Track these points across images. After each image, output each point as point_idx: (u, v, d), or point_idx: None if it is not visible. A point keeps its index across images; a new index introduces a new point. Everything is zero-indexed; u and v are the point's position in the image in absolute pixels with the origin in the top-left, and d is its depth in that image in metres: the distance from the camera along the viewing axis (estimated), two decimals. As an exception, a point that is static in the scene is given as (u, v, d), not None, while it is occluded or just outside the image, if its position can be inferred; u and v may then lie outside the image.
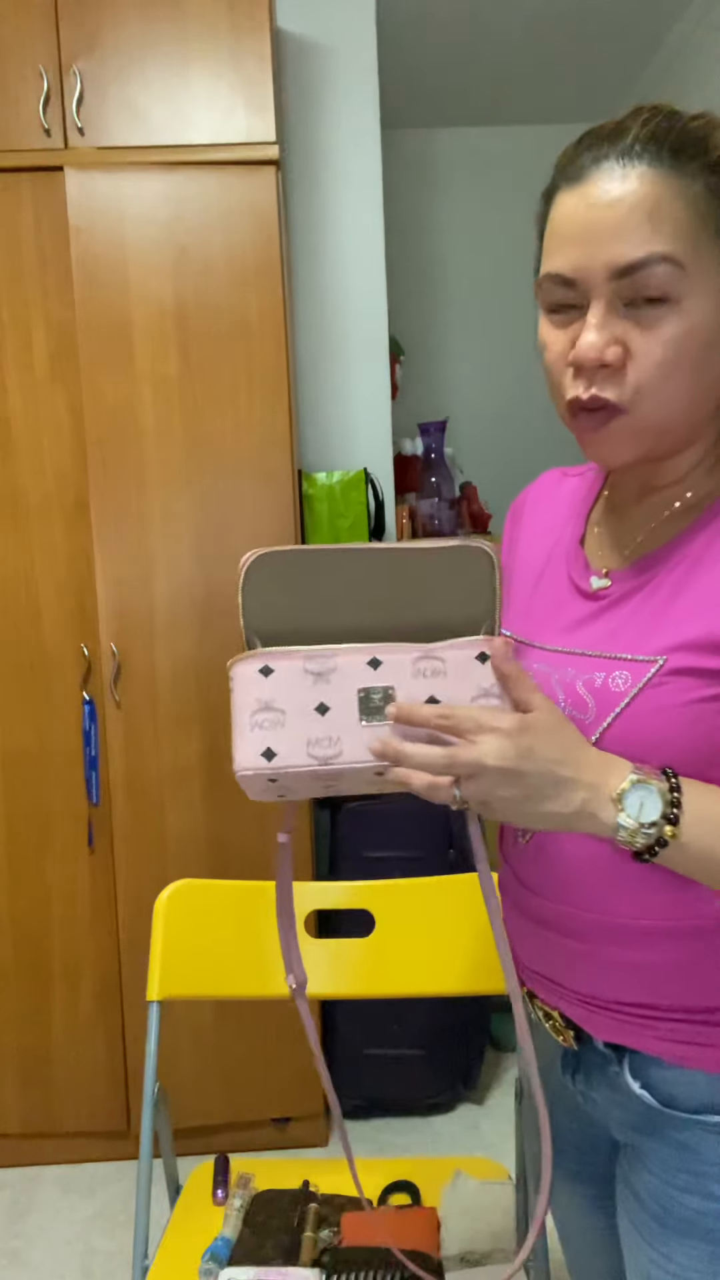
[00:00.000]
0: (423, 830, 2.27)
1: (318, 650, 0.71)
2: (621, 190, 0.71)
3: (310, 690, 0.70)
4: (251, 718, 0.70)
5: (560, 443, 3.55)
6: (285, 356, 2.06)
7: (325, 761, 0.70)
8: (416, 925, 1.39)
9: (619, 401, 0.73)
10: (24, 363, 2.06)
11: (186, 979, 1.38)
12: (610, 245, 0.71)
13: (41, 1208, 2.11)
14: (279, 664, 0.71)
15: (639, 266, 0.70)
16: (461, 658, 0.71)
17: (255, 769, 0.70)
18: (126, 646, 2.09)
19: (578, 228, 0.72)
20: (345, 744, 0.70)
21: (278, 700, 0.70)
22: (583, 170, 0.73)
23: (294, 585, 0.72)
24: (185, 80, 2.01)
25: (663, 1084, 0.79)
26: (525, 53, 2.99)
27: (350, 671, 0.71)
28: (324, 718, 0.70)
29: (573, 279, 0.73)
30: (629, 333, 0.72)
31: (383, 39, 2.86)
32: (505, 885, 0.90)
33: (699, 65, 2.79)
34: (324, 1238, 1.27)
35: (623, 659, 0.76)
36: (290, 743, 0.70)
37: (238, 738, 0.71)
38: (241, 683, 0.71)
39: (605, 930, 0.78)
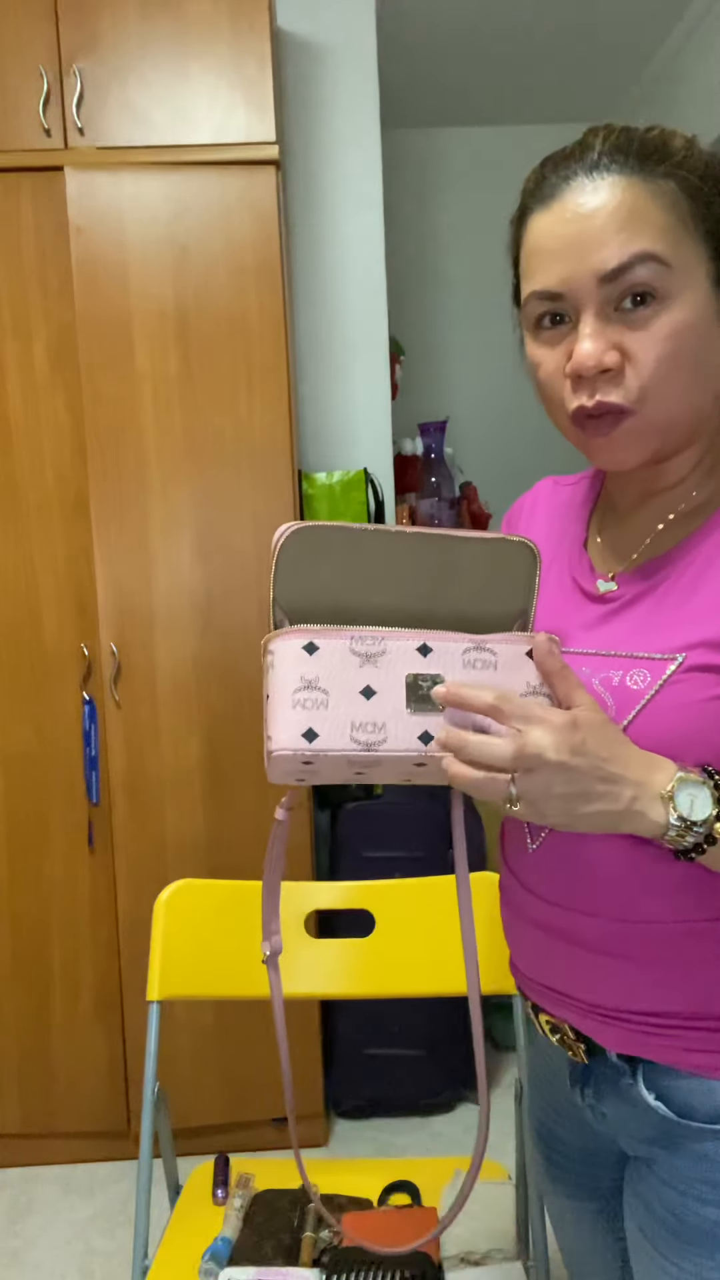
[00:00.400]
0: (423, 830, 2.27)
1: (365, 631, 0.69)
2: (596, 201, 0.72)
3: (357, 672, 0.68)
4: (293, 695, 0.67)
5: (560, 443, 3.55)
6: (285, 356, 2.06)
7: (369, 747, 0.67)
8: (416, 925, 1.39)
9: (625, 403, 0.74)
10: (24, 363, 2.06)
11: (186, 979, 1.38)
12: (595, 253, 0.72)
13: (41, 1208, 2.11)
14: (324, 642, 0.68)
15: (626, 268, 0.71)
16: (513, 652, 0.70)
17: (294, 749, 0.66)
18: (126, 646, 2.09)
19: (559, 242, 0.74)
20: (390, 731, 0.67)
21: (322, 679, 0.67)
22: (554, 189, 0.75)
23: (329, 562, 0.70)
24: (185, 80, 2.01)
25: (678, 1094, 0.78)
26: (525, 53, 2.99)
27: (399, 656, 0.68)
28: (369, 702, 0.67)
29: (560, 292, 0.74)
30: (623, 336, 0.73)
31: (383, 39, 2.86)
32: (508, 891, 0.88)
33: (699, 65, 2.79)
34: (324, 1238, 1.27)
35: (640, 657, 0.76)
36: (333, 725, 0.67)
37: (276, 715, 0.67)
38: (283, 658, 0.68)
39: (619, 937, 0.77)
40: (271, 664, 0.68)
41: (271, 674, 0.68)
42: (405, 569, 0.71)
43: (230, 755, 2.13)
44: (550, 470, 3.52)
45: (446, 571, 0.71)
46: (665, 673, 0.74)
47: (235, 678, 2.11)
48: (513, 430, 3.55)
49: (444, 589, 0.71)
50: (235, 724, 2.12)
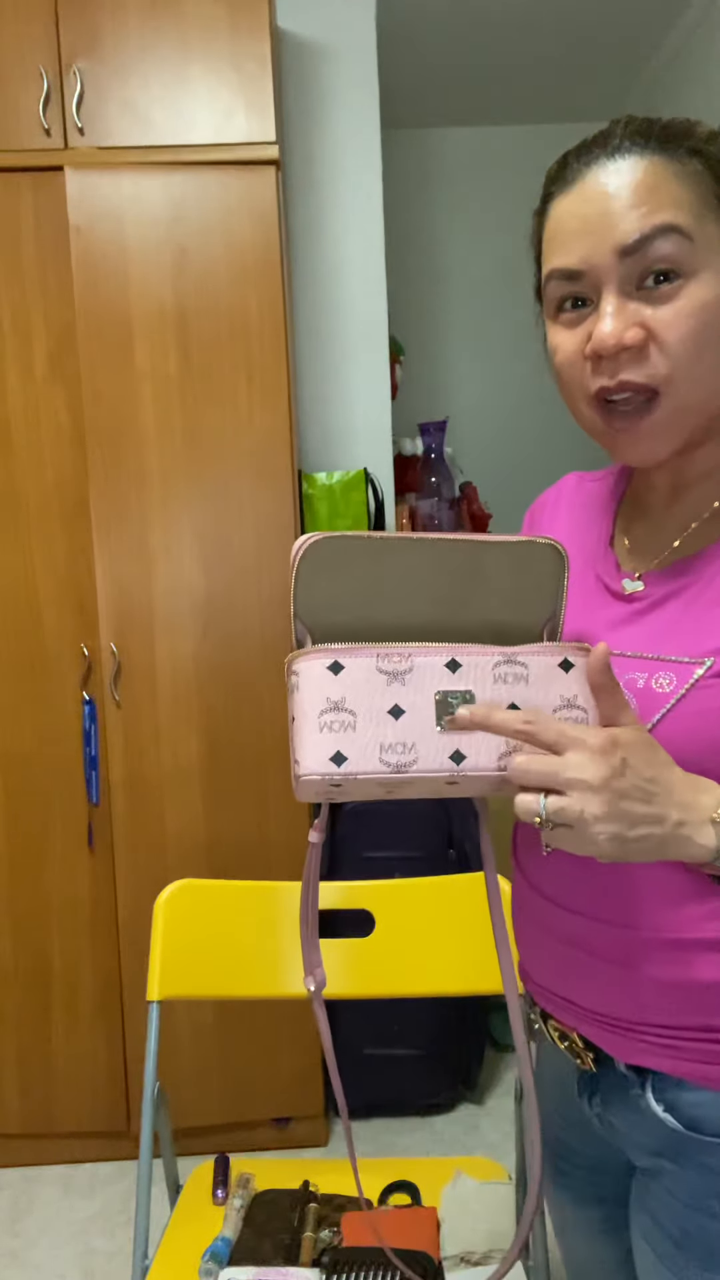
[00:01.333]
0: (423, 830, 2.27)
1: (391, 648, 0.66)
2: (618, 181, 0.71)
3: (384, 692, 0.65)
4: (319, 718, 0.65)
5: (560, 443, 3.55)
6: (285, 356, 2.06)
7: (399, 769, 0.65)
8: (416, 925, 1.39)
9: (651, 382, 0.71)
10: (24, 363, 2.06)
11: (186, 979, 1.38)
12: (615, 228, 0.70)
13: (41, 1208, 2.11)
14: (350, 661, 0.66)
15: (647, 240, 0.69)
16: (545, 664, 0.67)
17: (324, 774, 0.64)
18: (126, 646, 2.09)
19: (579, 222, 0.72)
20: (420, 750, 0.65)
21: (348, 700, 0.65)
22: (575, 174, 0.74)
23: (350, 572, 0.68)
24: (185, 80, 2.01)
25: (687, 1107, 0.77)
26: (525, 53, 2.99)
27: (427, 673, 0.66)
28: (398, 722, 0.65)
29: (580, 270, 0.72)
30: (645, 312, 0.71)
31: (383, 39, 2.86)
32: (521, 897, 0.87)
33: (699, 65, 2.79)
34: (324, 1238, 1.27)
35: (667, 660, 0.74)
36: (362, 747, 0.64)
37: (302, 739, 0.65)
38: (308, 680, 0.66)
39: (632, 946, 0.76)
40: (296, 685, 0.66)
41: (296, 695, 0.66)
42: (428, 577, 0.69)
43: (230, 755, 2.13)
44: (549, 470, 3.52)
45: (471, 578, 0.69)
46: (692, 677, 0.72)
47: (235, 678, 2.11)
48: (513, 430, 3.55)
49: (469, 595, 0.70)
50: (235, 724, 2.12)
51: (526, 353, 3.53)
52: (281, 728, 2.13)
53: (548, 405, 3.55)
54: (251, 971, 1.39)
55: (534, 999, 0.89)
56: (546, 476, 3.52)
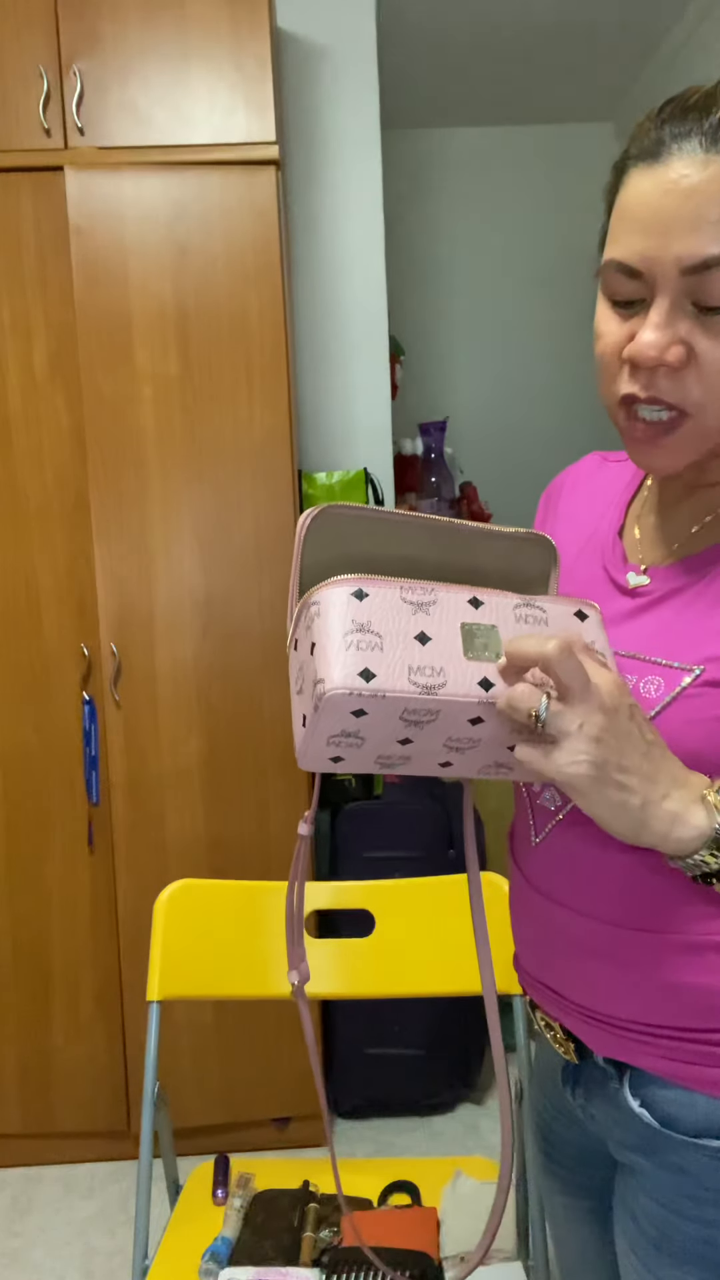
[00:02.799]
0: (423, 830, 2.27)
1: (414, 582, 0.65)
2: (702, 177, 0.64)
3: (410, 619, 0.64)
4: (345, 637, 0.62)
5: (560, 442, 3.56)
6: (285, 356, 2.06)
7: (429, 690, 0.62)
8: (416, 925, 1.39)
9: (681, 404, 0.68)
10: (24, 363, 2.06)
11: (186, 979, 1.38)
12: (684, 238, 0.64)
13: (41, 1208, 2.11)
14: (374, 589, 0.64)
15: (710, 266, 0.64)
16: (561, 612, 0.68)
17: (351, 688, 0.61)
18: (126, 646, 2.09)
19: (649, 214, 0.66)
20: (450, 674, 0.63)
21: (374, 623, 0.63)
22: (661, 147, 0.66)
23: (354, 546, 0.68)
24: (185, 80, 2.01)
25: (662, 1104, 0.77)
26: (525, 53, 2.99)
27: (451, 606, 0.65)
28: (425, 647, 0.63)
29: (638, 269, 0.67)
30: (694, 334, 0.67)
31: (383, 39, 2.86)
32: (514, 887, 0.88)
33: (699, 65, 2.79)
34: (324, 1238, 1.27)
35: (657, 664, 0.73)
36: (390, 666, 0.62)
37: (328, 657, 0.62)
38: (331, 605, 0.63)
39: (613, 941, 0.76)
40: (318, 613, 0.64)
41: (318, 622, 0.63)
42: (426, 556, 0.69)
43: (230, 755, 2.13)
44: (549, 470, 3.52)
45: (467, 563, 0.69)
46: (680, 684, 0.71)
47: (235, 678, 2.11)
48: (513, 430, 3.55)
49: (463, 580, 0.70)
50: (235, 724, 2.12)
51: (526, 353, 3.53)
52: (282, 726, 2.12)
53: (548, 405, 3.55)
54: (252, 971, 1.39)
55: (524, 987, 0.89)
56: (546, 476, 3.52)
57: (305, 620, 0.66)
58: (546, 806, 0.81)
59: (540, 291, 3.50)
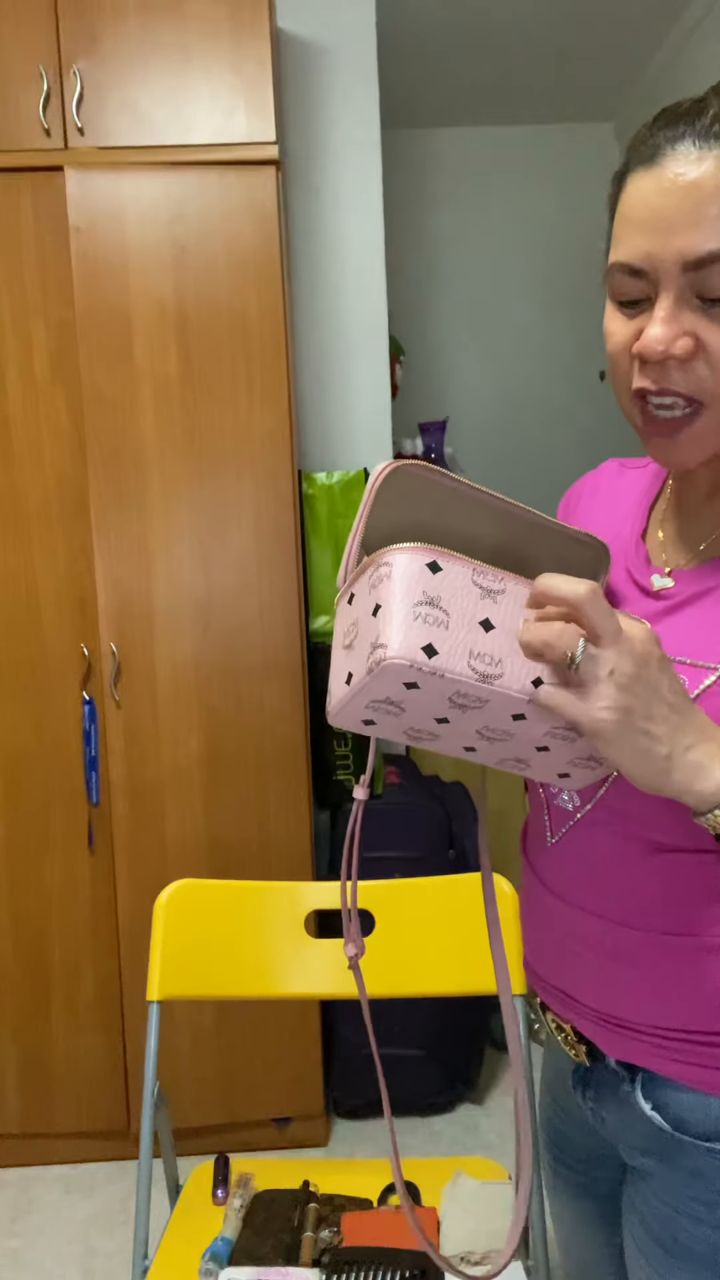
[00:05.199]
0: (423, 830, 2.27)
1: (486, 567, 0.65)
2: (698, 174, 0.65)
3: (478, 603, 0.63)
4: (414, 608, 0.61)
5: (561, 442, 3.55)
6: (285, 356, 2.06)
7: (485, 678, 0.62)
8: (416, 925, 1.39)
9: (695, 394, 0.69)
10: (24, 363, 2.06)
11: (186, 979, 1.38)
12: (684, 234, 0.65)
13: (41, 1208, 2.11)
14: (449, 565, 0.63)
15: (712, 260, 0.65)
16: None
17: (411, 660, 0.60)
18: (126, 646, 2.09)
19: (649, 214, 0.67)
20: (508, 667, 0.63)
21: (443, 600, 0.62)
22: (657, 151, 0.67)
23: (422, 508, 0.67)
24: (185, 80, 2.01)
25: (674, 1106, 0.77)
26: (525, 53, 2.99)
27: (519, 599, 0.65)
28: (488, 635, 0.63)
29: (642, 269, 0.68)
30: (700, 325, 0.67)
31: (383, 39, 2.86)
32: (527, 888, 0.87)
33: (699, 65, 2.79)
34: (324, 1238, 1.27)
35: (682, 663, 0.73)
36: (452, 646, 0.62)
37: (394, 623, 0.61)
38: (404, 571, 0.63)
39: (628, 943, 0.76)
40: (388, 574, 0.63)
41: (387, 584, 0.62)
42: (488, 534, 0.68)
43: (230, 755, 2.12)
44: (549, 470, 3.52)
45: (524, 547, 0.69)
46: (703, 683, 0.71)
47: (235, 678, 2.11)
48: (513, 430, 3.55)
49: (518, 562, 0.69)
50: (235, 724, 2.12)
51: (526, 353, 3.53)
52: (282, 726, 2.12)
53: (548, 405, 3.55)
54: (251, 971, 1.39)
55: (534, 989, 0.89)
56: (546, 476, 3.52)
57: (372, 578, 0.65)
58: (564, 807, 0.81)
59: (540, 291, 3.50)
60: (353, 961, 0.82)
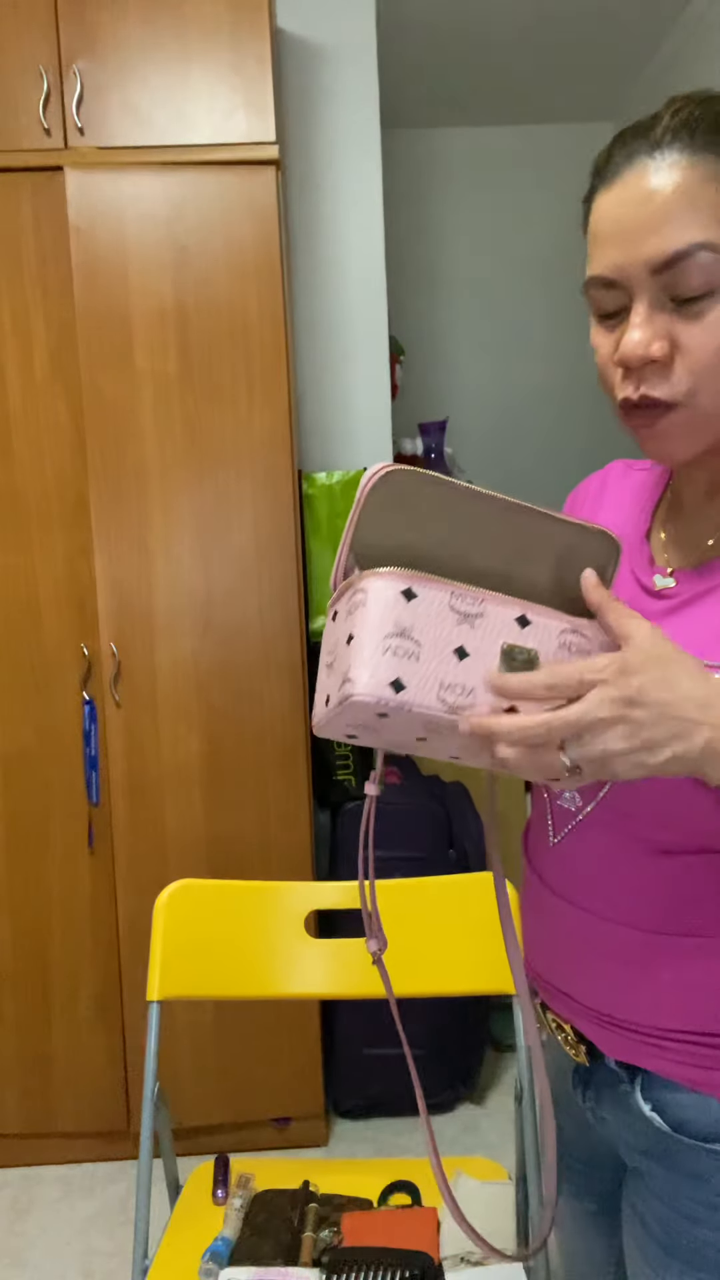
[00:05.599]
0: (423, 830, 2.27)
1: (465, 588, 0.64)
2: (655, 183, 0.68)
3: (453, 629, 0.63)
4: (384, 640, 0.61)
5: (561, 442, 3.55)
6: (285, 356, 2.06)
7: (454, 710, 0.62)
8: (416, 925, 1.39)
9: (670, 398, 0.70)
10: (24, 363, 2.06)
11: (186, 979, 1.38)
12: (647, 240, 0.68)
13: (41, 1208, 2.11)
14: (423, 591, 0.63)
15: (679, 258, 0.67)
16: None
17: (377, 697, 0.61)
18: (126, 646, 2.09)
19: (614, 227, 0.70)
20: (479, 697, 0.62)
21: (416, 630, 0.62)
22: (616, 169, 0.71)
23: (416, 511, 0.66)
24: (185, 80, 2.01)
25: (674, 1107, 0.77)
26: (525, 53, 2.99)
27: (498, 623, 0.64)
28: (461, 663, 0.62)
29: (614, 279, 0.71)
30: (675, 326, 0.69)
31: (383, 39, 2.86)
32: (528, 888, 0.87)
33: (699, 65, 2.79)
34: (324, 1238, 1.27)
35: None
36: (422, 679, 0.61)
37: (361, 657, 0.61)
38: (378, 599, 0.62)
39: (631, 944, 0.76)
40: (363, 602, 0.63)
41: (361, 612, 0.63)
42: (489, 534, 0.67)
43: (230, 755, 2.12)
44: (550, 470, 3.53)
45: (528, 545, 0.68)
46: None
47: (235, 678, 2.11)
48: (513, 430, 3.55)
49: (522, 562, 0.69)
50: (235, 724, 2.12)
51: (526, 353, 3.53)
52: (282, 726, 2.12)
53: (548, 405, 3.55)
54: (251, 971, 1.39)
55: (535, 988, 0.89)
56: (546, 476, 3.52)
57: (349, 602, 0.65)
58: (566, 807, 0.81)
59: (540, 291, 3.50)
60: (376, 957, 0.82)
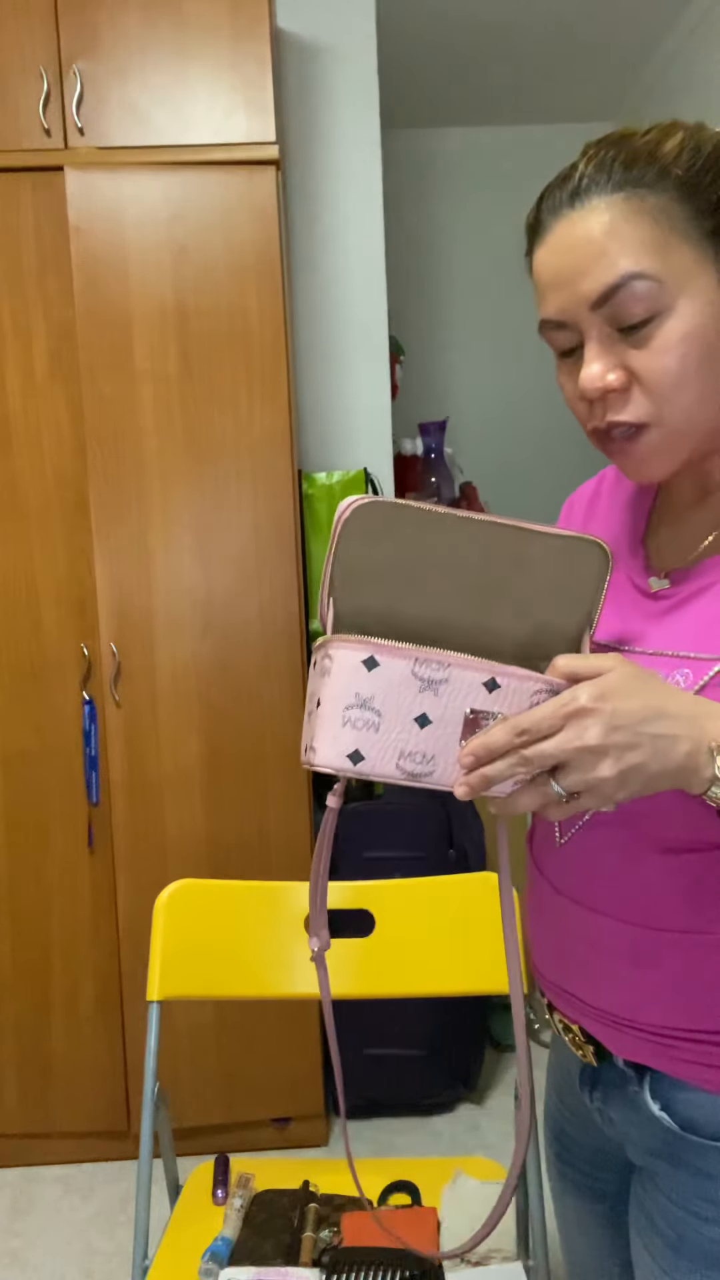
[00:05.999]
0: (423, 830, 2.27)
1: (431, 654, 0.65)
2: (579, 231, 0.72)
3: (415, 698, 0.64)
4: (344, 712, 0.63)
5: (560, 442, 3.55)
6: (285, 356, 2.06)
7: (413, 777, 0.64)
8: (416, 925, 1.39)
9: (637, 420, 0.73)
10: (24, 363, 2.06)
11: (186, 979, 1.38)
12: (582, 282, 0.72)
13: (41, 1208, 2.11)
14: (386, 660, 0.64)
15: (613, 291, 0.71)
16: None
17: (337, 768, 0.63)
18: (126, 646, 2.09)
19: (552, 276, 0.74)
20: (440, 764, 0.64)
21: (377, 700, 0.64)
22: (544, 226, 0.75)
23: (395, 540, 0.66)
24: (185, 80, 2.01)
25: (683, 1107, 0.77)
26: (525, 53, 2.99)
27: (463, 689, 0.65)
28: (422, 731, 0.64)
29: (561, 320, 0.75)
30: (628, 354, 0.73)
31: (383, 39, 2.86)
32: (534, 889, 0.88)
33: (698, 66, 2.79)
34: (324, 1238, 1.27)
35: (685, 656, 0.74)
36: (381, 750, 0.64)
37: (322, 727, 0.64)
38: (341, 669, 0.64)
39: (637, 944, 0.76)
40: (328, 669, 0.65)
41: (326, 680, 0.64)
42: (472, 558, 0.67)
43: (230, 755, 2.13)
44: (550, 470, 3.52)
45: (514, 564, 0.68)
46: (709, 673, 0.72)
47: (235, 678, 2.11)
48: (513, 430, 3.55)
49: (510, 582, 0.68)
50: (235, 724, 2.12)
51: (526, 353, 3.53)
52: (282, 726, 2.12)
53: (548, 405, 3.55)
54: (251, 971, 1.39)
55: (541, 989, 0.89)
56: (546, 476, 3.52)
57: (319, 667, 0.66)
58: None
59: (540, 291, 3.49)
60: (317, 955, 0.85)
